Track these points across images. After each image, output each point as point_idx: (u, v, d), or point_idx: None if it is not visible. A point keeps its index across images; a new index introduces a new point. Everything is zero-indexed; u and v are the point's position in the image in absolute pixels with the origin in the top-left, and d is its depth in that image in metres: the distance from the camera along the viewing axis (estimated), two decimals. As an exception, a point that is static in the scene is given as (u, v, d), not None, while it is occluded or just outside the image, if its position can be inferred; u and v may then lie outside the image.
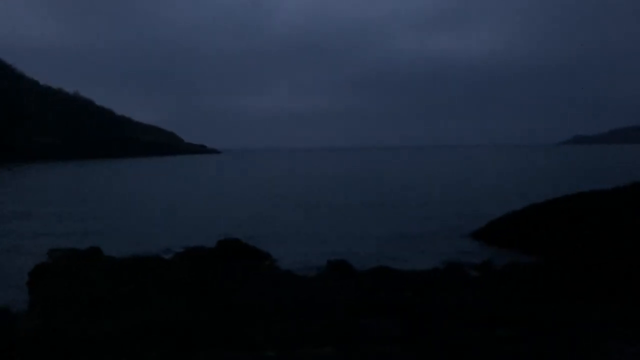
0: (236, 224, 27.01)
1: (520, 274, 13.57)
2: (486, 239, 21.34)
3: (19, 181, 69.80)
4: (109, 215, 32.29)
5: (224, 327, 9.26)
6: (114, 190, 52.63)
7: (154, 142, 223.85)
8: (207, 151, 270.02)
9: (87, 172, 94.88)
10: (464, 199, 37.81)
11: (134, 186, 59.20)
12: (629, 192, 20.15)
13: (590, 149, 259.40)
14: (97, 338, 8.64)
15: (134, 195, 46.43)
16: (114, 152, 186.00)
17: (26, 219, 30.66)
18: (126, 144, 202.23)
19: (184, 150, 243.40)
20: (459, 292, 11.91)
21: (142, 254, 17.77)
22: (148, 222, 28.91)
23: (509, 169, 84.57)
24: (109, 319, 9.85)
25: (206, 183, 63.14)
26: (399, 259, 17.92)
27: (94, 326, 9.32)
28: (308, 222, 28.03)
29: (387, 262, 16.42)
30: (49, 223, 28.91)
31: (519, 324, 9.08)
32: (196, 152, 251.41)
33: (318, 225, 26.51)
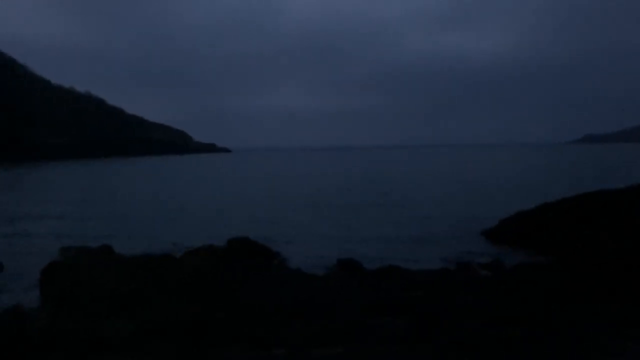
0: (246, 222, 27.07)
1: (531, 273, 13.51)
2: (496, 239, 21.23)
3: (30, 180, 70.39)
4: (119, 213, 32.48)
5: (234, 326, 9.30)
6: (124, 189, 52.93)
7: (165, 141, 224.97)
8: (217, 150, 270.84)
9: (98, 171, 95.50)
10: (474, 198, 37.64)
11: (144, 185, 59.49)
12: (640, 192, 19.98)
13: (600, 147, 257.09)
14: (108, 336, 8.71)
15: (144, 194, 46.64)
16: (125, 151, 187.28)
17: (38, 217, 30.92)
18: (137, 143, 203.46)
19: (194, 149, 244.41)
20: (469, 291, 11.87)
21: (152, 252, 17.89)
22: (158, 220, 29.05)
23: (519, 168, 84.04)
24: (120, 317, 9.92)
25: (216, 182, 63.30)
26: (408, 259, 17.87)
27: (106, 324, 9.40)
28: (317, 221, 28.03)
29: (396, 262, 16.39)
30: (60, 221, 29.13)
31: (529, 324, 9.04)
32: (206, 151, 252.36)
33: (327, 225, 26.50)
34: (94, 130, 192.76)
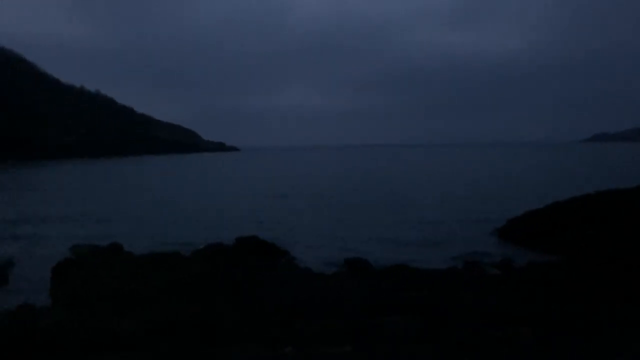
0: (254, 221, 27.14)
1: (540, 273, 13.45)
2: (506, 238, 21.16)
3: (40, 179, 70.88)
4: (129, 212, 32.65)
5: (242, 324, 9.33)
6: (134, 188, 53.19)
7: (174, 140, 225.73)
8: (226, 149, 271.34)
9: (108, 170, 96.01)
10: (484, 197, 37.50)
11: (153, 184, 59.77)
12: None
13: (611, 146, 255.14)
14: (118, 334, 8.76)
15: (153, 193, 46.84)
16: (134, 150, 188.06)
17: (49, 216, 31.13)
18: (146, 142, 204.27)
19: (203, 148, 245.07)
20: (477, 291, 11.83)
21: (161, 250, 17.96)
22: (167, 219, 29.17)
23: (528, 167, 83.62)
24: (130, 315, 9.98)
25: (224, 181, 63.47)
26: (416, 258, 17.84)
27: (116, 322, 9.45)
28: (325, 220, 28.04)
29: (404, 261, 16.38)
30: (70, 220, 29.32)
31: (537, 323, 9.00)
32: (215, 150, 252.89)
33: (335, 224, 26.50)
34: (103, 130, 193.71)
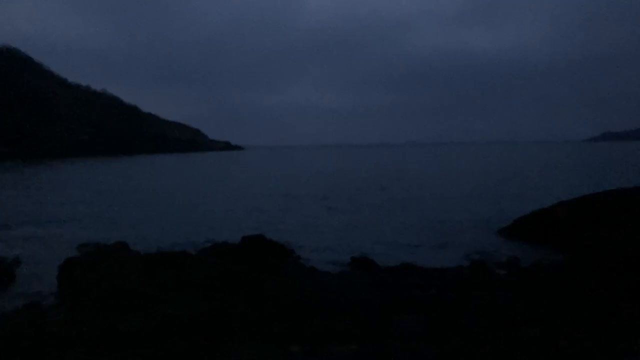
0: (260, 220, 27.16)
1: (547, 272, 13.40)
2: (513, 237, 21.09)
3: (47, 177, 71.18)
4: (135, 210, 32.73)
5: (249, 322, 9.34)
6: (140, 186, 53.31)
7: (180, 139, 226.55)
8: (231, 148, 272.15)
9: (114, 169, 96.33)
10: (491, 196, 37.37)
11: (159, 182, 59.92)
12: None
13: (619, 145, 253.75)
14: (125, 332, 8.78)
15: (159, 191, 46.96)
16: (140, 149, 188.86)
17: (55, 214, 31.25)
18: (152, 140, 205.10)
19: (209, 147, 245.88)
20: (484, 290, 11.80)
21: (168, 249, 18.00)
22: (173, 217, 29.23)
23: (536, 166, 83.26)
24: (137, 313, 10.00)
25: (230, 179, 63.56)
26: (423, 257, 17.81)
27: (122, 319, 9.48)
28: (331, 219, 28.03)
29: (411, 260, 16.35)
30: (77, 218, 29.42)
31: (545, 323, 8.97)
32: (221, 149, 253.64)
33: (341, 222, 26.48)
34: (109, 129, 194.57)
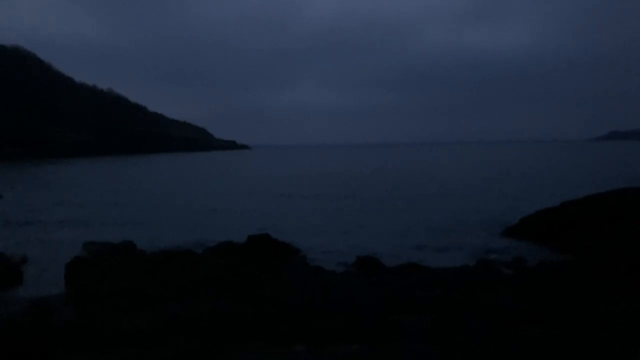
0: (265, 219, 27.17)
1: (553, 272, 13.35)
2: (518, 236, 21.02)
3: (54, 177, 71.49)
4: (141, 209, 32.84)
5: (254, 322, 9.36)
6: (146, 186, 53.47)
7: (186, 139, 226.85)
8: (237, 147, 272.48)
9: (121, 168, 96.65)
10: (496, 195, 37.27)
11: (165, 181, 60.07)
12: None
13: (626, 144, 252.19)
14: (130, 331, 8.82)
15: (165, 191, 47.07)
16: (147, 148, 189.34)
17: (62, 213, 31.39)
18: (159, 140, 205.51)
19: (215, 146, 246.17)
20: (489, 289, 11.77)
21: (173, 248, 18.05)
22: (179, 217, 29.30)
23: (541, 165, 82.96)
24: (142, 311, 10.05)
25: (236, 179, 63.66)
26: (428, 256, 17.80)
27: (128, 318, 9.53)
28: (337, 218, 28.02)
29: (416, 259, 16.33)
30: (83, 217, 29.55)
31: (550, 323, 8.94)
32: (227, 148, 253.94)
33: (347, 221, 26.47)
34: (116, 128, 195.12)
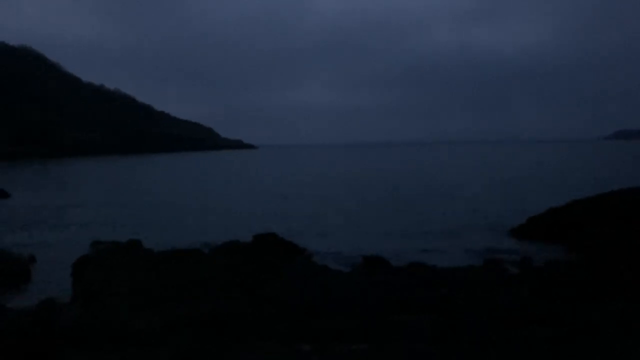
0: (271, 218, 27.20)
1: (560, 271, 13.29)
2: (526, 236, 20.93)
3: (62, 176, 71.82)
4: (148, 209, 32.94)
5: (260, 321, 9.36)
6: (153, 185, 53.64)
7: (193, 138, 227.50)
8: (243, 146, 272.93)
9: (128, 167, 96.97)
10: (503, 195, 37.16)
11: (172, 180, 60.23)
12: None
13: (633, 144, 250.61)
14: (137, 330, 8.84)
15: (172, 190, 47.21)
16: (153, 147, 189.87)
17: (69, 212, 31.53)
18: (165, 139, 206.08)
19: (221, 146, 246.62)
20: (497, 289, 11.73)
21: (180, 247, 18.07)
22: (186, 216, 29.38)
23: (548, 165, 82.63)
24: (148, 311, 10.07)
25: (242, 178, 63.74)
26: (434, 256, 17.75)
27: (134, 317, 9.55)
28: (342, 218, 27.99)
29: (422, 259, 16.28)
30: (90, 216, 29.67)
31: (556, 323, 8.90)
32: (233, 148, 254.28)
33: (353, 221, 26.45)
34: (123, 127, 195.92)
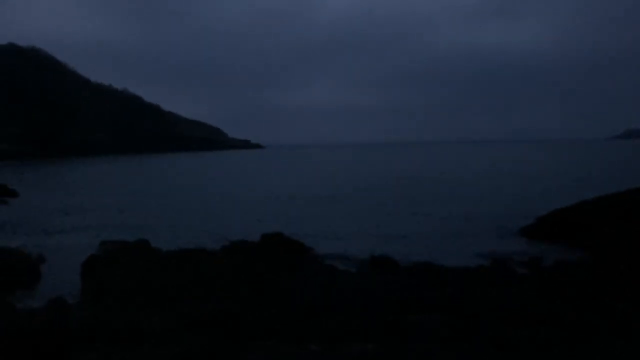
0: (279, 218, 27.22)
1: (569, 272, 13.23)
2: (535, 236, 20.84)
3: (70, 176, 72.21)
4: (156, 208, 33.06)
5: (269, 320, 9.36)
6: (161, 185, 53.82)
7: (200, 138, 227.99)
8: (251, 146, 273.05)
9: (136, 167, 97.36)
10: (512, 195, 37.01)
11: (179, 181, 60.39)
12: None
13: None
14: (146, 329, 8.87)
15: (179, 190, 47.36)
16: (161, 147, 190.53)
17: (79, 212, 31.69)
18: (173, 139, 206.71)
19: (228, 145, 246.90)
20: (505, 289, 11.69)
21: (188, 247, 18.12)
22: (194, 216, 29.45)
23: (557, 164, 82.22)
24: (157, 310, 10.10)
25: (249, 178, 63.85)
26: (444, 255, 17.68)
27: (143, 316, 9.58)
28: (351, 217, 27.99)
29: (431, 259, 16.24)
30: (99, 216, 29.80)
31: (565, 324, 8.85)
32: (240, 147, 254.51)
33: (361, 221, 26.43)
34: (131, 127, 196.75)
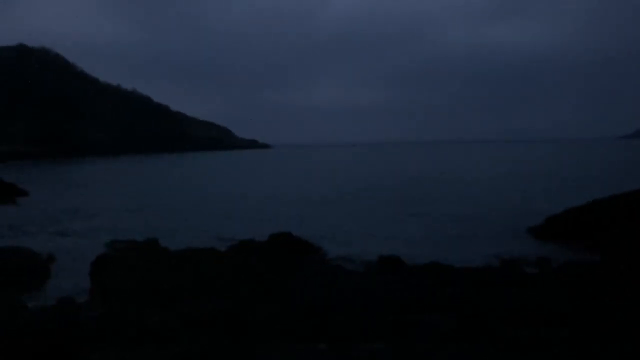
0: (287, 218, 27.24)
1: (579, 272, 13.14)
2: (544, 236, 20.72)
3: (80, 175, 72.64)
4: (165, 208, 33.17)
5: (275, 319, 9.37)
6: (169, 184, 54.03)
7: (208, 138, 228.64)
8: (258, 146, 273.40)
9: (144, 167, 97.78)
10: (521, 194, 36.84)
11: (188, 180, 60.60)
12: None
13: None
14: (154, 328, 8.91)
15: (188, 189, 47.51)
16: (169, 148, 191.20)
17: (87, 211, 31.83)
18: (181, 139, 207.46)
19: (236, 145, 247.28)
20: (514, 289, 11.63)
21: (196, 246, 18.15)
22: (202, 215, 29.53)
23: (568, 163, 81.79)
24: (165, 309, 10.14)
25: (257, 178, 63.95)
26: (452, 255, 17.60)
27: (152, 315, 9.62)
28: (358, 217, 27.96)
29: (439, 258, 16.17)
30: (108, 215, 29.94)
31: (575, 324, 8.80)
32: (248, 147, 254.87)
33: (368, 221, 26.41)
34: (140, 127, 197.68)
